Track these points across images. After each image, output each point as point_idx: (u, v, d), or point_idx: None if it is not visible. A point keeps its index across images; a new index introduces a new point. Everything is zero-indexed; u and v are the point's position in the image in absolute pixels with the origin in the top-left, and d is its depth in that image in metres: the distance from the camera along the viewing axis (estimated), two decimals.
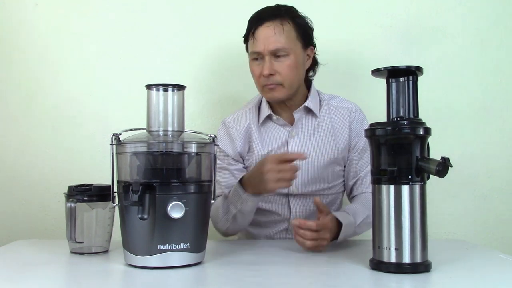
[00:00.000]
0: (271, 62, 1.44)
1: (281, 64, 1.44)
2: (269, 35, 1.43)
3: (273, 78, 1.44)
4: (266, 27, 1.44)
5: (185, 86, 1.14)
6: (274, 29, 1.43)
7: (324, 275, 1.03)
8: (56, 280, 1.03)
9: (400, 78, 1.07)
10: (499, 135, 1.90)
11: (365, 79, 1.89)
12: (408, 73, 1.06)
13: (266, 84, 1.45)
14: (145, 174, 1.06)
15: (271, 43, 1.43)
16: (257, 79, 1.48)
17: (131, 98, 1.81)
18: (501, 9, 1.90)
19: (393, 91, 1.07)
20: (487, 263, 1.14)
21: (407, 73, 1.06)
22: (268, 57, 1.44)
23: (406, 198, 1.00)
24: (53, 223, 1.87)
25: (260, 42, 1.44)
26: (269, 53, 1.43)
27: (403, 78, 1.06)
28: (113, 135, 1.09)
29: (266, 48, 1.43)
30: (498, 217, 1.89)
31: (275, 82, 1.45)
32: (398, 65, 1.06)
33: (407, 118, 1.05)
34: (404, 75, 1.07)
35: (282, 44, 1.43)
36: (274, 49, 1.43)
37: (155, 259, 1.03)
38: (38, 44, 1.90)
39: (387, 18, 1.89)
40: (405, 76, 1.06)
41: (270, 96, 1.48)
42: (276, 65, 1.44)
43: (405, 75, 1.07)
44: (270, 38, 1.43)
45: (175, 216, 1.02)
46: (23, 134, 1.89)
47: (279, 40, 1.43)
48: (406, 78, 1.06)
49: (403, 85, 1.06)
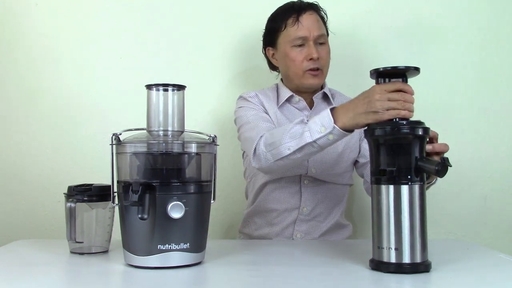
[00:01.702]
0: (316, 47, 1.52)
1: (322, 51, 1.53)
2: (314, 21, 1.53)
3: (318, 62, 1.52)
4: (309, 15, 1.53)
5: (185, 86, 1.14)
6: (316, 17, 1.54)
7: (324, 275, 1.03)
8: (56, 280, 1.03)
9: (387, 79, 1.08)
10: (499, 135, 1.90)
11: (365, 79, 1.90)
12: (397, 75, 1.07)
13: (311, 69, 1.52)
14: (145, 174, 1.06)
15: (315, 29, 1.52)
16: (300, 64, 1.52)
17: (131, 98, 1.81)
18: (501, 9, 1.90)
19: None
20: (487, 263, 1.14)
21: (396, 75, 1.07)
22: (313, 42, 1.51)
23: (406, 198, 1.00)
24: (53, 223, 1.87)
25: (305, 28, 1.52)
26: (313, 39, 1.51)
27: (389, 79, 1.08)
28: (113, 135, 1.09)
29: (312, 33, 1.51)
30: (498, 217, 1.89)
31: (319, 66, 1.52)
32: (387, 66, 1.06)
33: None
34: (393, 77, 1.07)
35: (323, 31, 1.55)
36: (319, 34, 1.53)
37: (155, 259, 1.03)
38: (38, 44, 1.90)
39: (387, 18, 1.90)
40: (391, 78, 1.08)
41: (312, 81, 1.54)
42: (319, 50, 1.52)
43: (395, 76, 1.07)
44: (315, 24, 1.53)
45: (175, 216, 1.02)
46: (23, 134, 1.89)
47: (321, 27, 1.54)
48: (393, 79, 1.08)
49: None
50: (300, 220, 1.55)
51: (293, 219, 1.56)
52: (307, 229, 1.56)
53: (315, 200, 1.56)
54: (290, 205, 1.56)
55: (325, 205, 1.57)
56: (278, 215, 1.57)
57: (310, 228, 1.56)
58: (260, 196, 1.59)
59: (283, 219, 1.56)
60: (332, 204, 1.59)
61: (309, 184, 1.55)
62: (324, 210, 1.57)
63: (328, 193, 1.58)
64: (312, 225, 1.56)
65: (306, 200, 1.55)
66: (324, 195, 1.57)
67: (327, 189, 1.57)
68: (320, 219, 1.57)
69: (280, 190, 1.56)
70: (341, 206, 1.62)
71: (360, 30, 1.88)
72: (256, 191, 1.60)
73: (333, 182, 1.57)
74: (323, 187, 1.57)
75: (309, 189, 1.56)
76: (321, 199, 1.57)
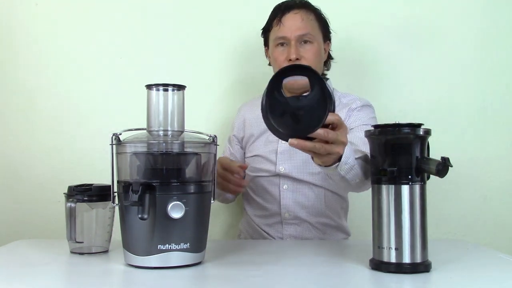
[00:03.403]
0: (297, 47, 1.48)
1: (307, 50, 1.49)
2: (297, 21, 1.50)
3: (299, 62, 1.47)
4: (294, 14, 1.50)
5: (185, 86, 1.14)
6: (302, 16, 1.50)
7: (324, 275, 1.03)
8: (56, 280, 1.03)
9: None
10: (499, 135, 1.90)
11: (365, 79, 1.90)
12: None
13: None
14: (145, 174, 1.06)
15: (298, 29, 1.49)
16: (281, 64, 1.49)
17: (131, 98, 1.81)
18: (501, 9, 1.90)
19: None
20: (487, 263, 1.14)
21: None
22: (295, 42, 1.48)
23: (406, 198, 1.00)
24: (53, 223, 1.87)
25: (287, 27, 1.50)
26: (295, 39, 1.48)
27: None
28: (113, 135, 1.09)
29: (293, 33, 1.49)
30: (498, 217, 1.89)
31: None
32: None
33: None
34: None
35: (309, 30, 1.49)
36: (302, 34, 1.49)
37: (155, 259, 1.03)
38: (38, 43, 1.90)
39: (387, 18, 1.90)
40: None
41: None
42: (302, 50, 1.49)
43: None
44: (298, 24, 1.49)
45: (175, 216, 1.02)
46: (23, 134, 1.89)
47: (306, 26, 1.49)
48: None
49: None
50: (286, 224, 1.55)
51: (279, 220, 1.55)
52: (295, 233, 1.55)
53: (296, 206, 1.53)
54: (271, 211, 1.56)
55: (308, 210, 1.54)
56: (265, 216, 1.58)
57: (298, 232, 1.55)
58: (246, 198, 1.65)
59: (269, 219, 1.57)
60: (318, 209, 1.54)
61: (288, 188, 1.54)
62: (308, 216, 1.54)
63: (310, 196, 1.53)
64: (299, 230, 1.55)
65: (286, 206, 1.53)
66: (306, 199, 1.53)
67: (309, 192, 1.53)
68: (306, 225, 1.54)
69: (260, 196, 1.58)
70: (334, 211, 1.57)
71: (359, 30, 1.88)
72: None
73: (313, 183, 1.52)
74: (302, 193, 1.53)
75: (290, 195, 1.53)
76: (303, 204, 1.53)
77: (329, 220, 1.56)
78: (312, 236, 1.54)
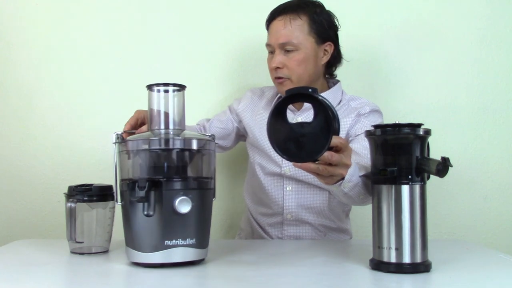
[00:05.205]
0: (280, 55, 1.47)
1: (290, 59, 1.47)
2: (280, 28, 1.47)
3: (281, 71, 1.48)
4: (278, 20, 1.48)
5: (185, 86, 1.14)
6: (284, 23, 1.46)
7: (324, 275, 1.03)
8: (56, 280, 1.03)
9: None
10: (499, 135, 1.90)
11: (365, 79, 1.90)
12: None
13: (276, 77, 1.50)
14: (150, 171, 1.06)
15: (280, 37, 1.46)
16: (271, 71, 1.52)
17: (131, 98, 1.81)
18: (501, 9, 1.90)
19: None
20: (487, 263, 1.14)
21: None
22: (278, 50, 1.47)
23: (406, 198, 1.00)
24: (53, 223, 1.87)
25: (272, 35, 1.49)
26: (278, 47, 1.47)
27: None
28: (116, 134, 1.10)
29: (276, 41, 1.47)
30: (498, 217, 1.90)
31: (284, 75, 1.48)
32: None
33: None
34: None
35: (290, 38, 1.45)
36: (282, 42, 1.46)
37: (162, 255, 1.03)
38: (38, 43, 1.90)
39: (387, 18, 1.90)
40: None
41: (280, 89, 1.53)
42: (285, 59, 1.47)
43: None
44: (280, 32, 1.46)
45: (183, 211, 1.02)
46: (23, 134, 1.89)
47: (287, 34, 1.45)
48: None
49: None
50: (287, 225, 1.55)
51: (280, 220, 1.55)
52: (296, 234, 1.55)
53: (298, 207, 1.53)
54: (273, 210, 1.56)
55: (311, 212, 1.54)
56: (267, 215, 1.58)
57: (298, 233, 1.55)
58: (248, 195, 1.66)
59: (271, 218, 1.57)
60: (321, 211, 1.54)
61: (291, 192, 1.53)
62: (310, 218, 1.54)
63: (314, 199, 1.53)
64: (299, 231, 1.55)
65: (288, 207, 1.53)
66: (309, 201, 1.53)
67: (313, 195, 1.53)
68: (308, 227, 1.54)
69: (263, 195, 1.57)
70: (336, 213, 1.57)
71: (359, 30, 1.88)
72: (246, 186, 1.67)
73: (317, 186, 1.51)
74: (305, 194, 1.53)
75: (292, 196, 1.53)
76: (306, 205, 1.53)
77: (331, 222, 1.56)
78: (313, 238, 1.54)
